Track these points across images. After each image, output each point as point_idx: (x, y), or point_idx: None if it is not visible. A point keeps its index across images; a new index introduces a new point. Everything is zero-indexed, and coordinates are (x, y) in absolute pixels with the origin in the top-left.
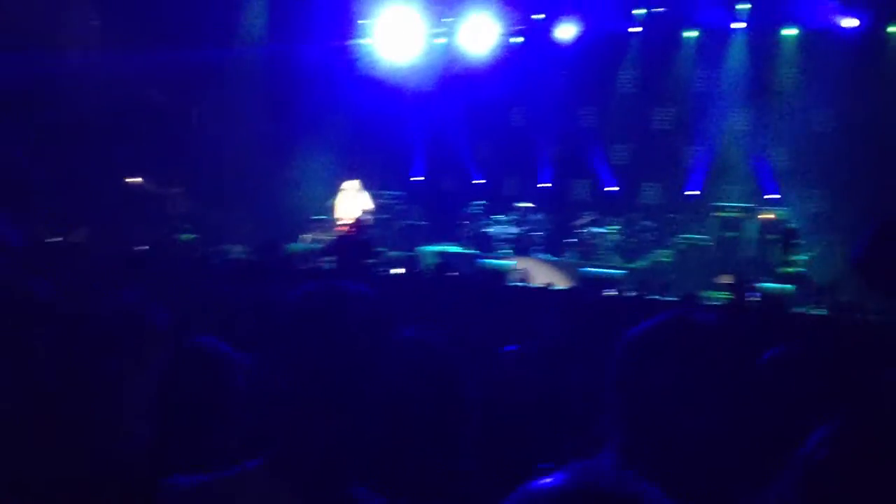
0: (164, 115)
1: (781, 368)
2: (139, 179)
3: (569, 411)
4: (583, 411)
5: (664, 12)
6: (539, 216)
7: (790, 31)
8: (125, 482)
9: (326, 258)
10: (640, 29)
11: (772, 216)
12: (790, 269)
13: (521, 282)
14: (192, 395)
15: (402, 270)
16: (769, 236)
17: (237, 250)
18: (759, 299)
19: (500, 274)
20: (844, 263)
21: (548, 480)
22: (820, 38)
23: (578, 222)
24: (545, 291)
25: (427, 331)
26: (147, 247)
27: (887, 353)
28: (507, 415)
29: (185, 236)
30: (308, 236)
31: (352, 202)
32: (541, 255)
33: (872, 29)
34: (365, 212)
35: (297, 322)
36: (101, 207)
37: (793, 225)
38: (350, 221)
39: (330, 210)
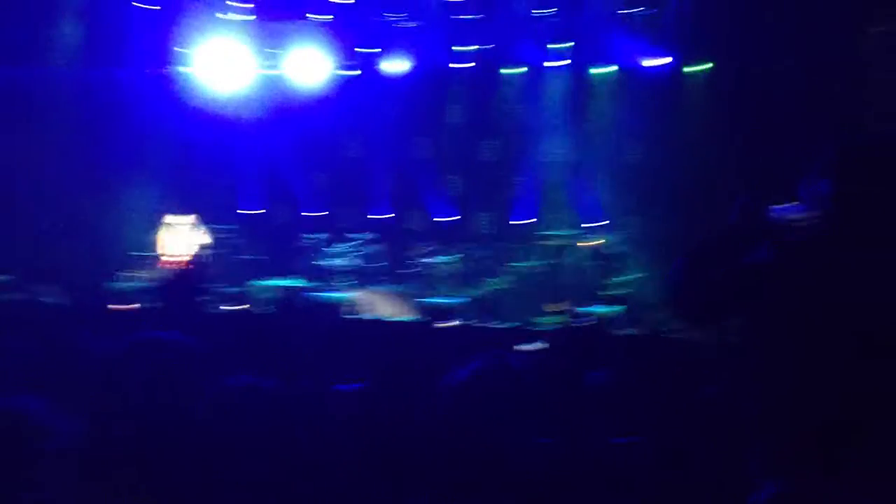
0: None
1: (602, 390)
2: None
3: (409, 451)
4: (421, 451)
5: (489, 48)
6: (376, 247)
7: (603, 70)
8: None
9: (152, 298)
10: (466, 65)
11: (593, 243)
12: (609, 293)
13: (359, 314)
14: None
15: (235, 307)
16: (591, 262)
17: (51, 292)
18: (582, 323)
19: (338, 307)
20: (655, 287)
21: None
22: (629, 76)
23: (415, 253)
24: (383, 323)
25: (258, 376)
26: None
27: (699, 371)
28: (346, 456)
29: None
30: (130, 274)
31: (178, 237)
32: (379, 287)
33: (676, 68)
34: (192, 247)
35: (117, 377)
36: None
37: (612, 250)
38: (177, 257)
39: (154, 246)
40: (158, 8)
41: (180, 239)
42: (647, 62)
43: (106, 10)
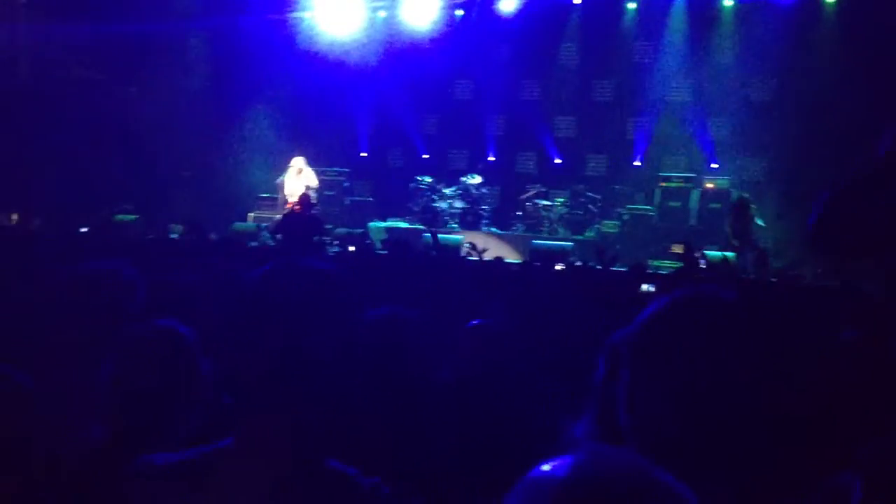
0: (101, 93)
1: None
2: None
3: (544, 385)
4: (555, 385)
5: None
6: (486, 190)
7: (728, 2)
8: (86, 465)
9: (275, 236)
10: (580, 0)
11: (713, 185)
12: (733, 236)
13: (471, 256)
14: (155, 378)
15: (352, 248)
16: (711, 205)
17: (181, 230)
18: (705, 267)
19: (450, 248)
20: (783, 231)
21: (555, 469)
22: (757, 8)
23: (525, 195)
24: (498, 265)
25: (399, 307)
26: (87, 228)
27: (834, 315)
28: (481, 388)
29: (125, 217)
30: (254, 214)
31: (297, 179)
32: (489, 229)
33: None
34: (310, 188)
35: (262, 299)
36: (39, 189)
37: (744, 195)
38: (296, 199)
39: (277, 188)
40: None
41: (299, 181)
42: None
43: None
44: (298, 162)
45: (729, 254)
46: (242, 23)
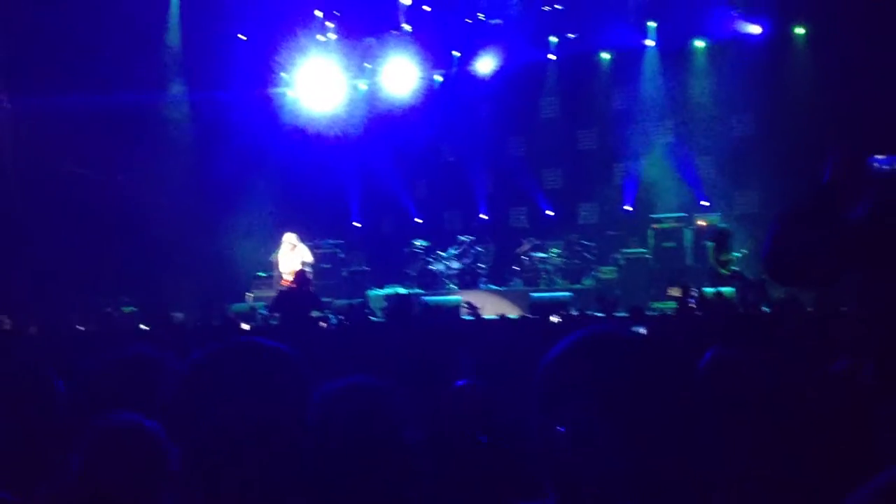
0: (86, 186)
1: (720, 368)
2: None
3: (519, 443)
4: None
5: (577, 38)
6: (481, 248)
7: (699, 44)
8: None
9: (272, 314)
10: (555, 56)
11: (705, 222)
12: (724, 270)
13: (470, 316)
14: (122, 475)
15: (347, 319)
16: (704, 242)
17: (180, 317)
18: (696, 304)
19: (449, 310)
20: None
21: None
22: (728, 47)
23: (520, 249)
24: (497, 322)
25: (358, 376)
26: (83, 327)
27: (828, 345)
28: (458, 449)
29: (127, 308)
30: (252, 294)
31: (291, 255)
32: (488, 287)
33: (776, 33)
34: (305, 263)
35: (207, 380)
36: (33, 289)
37: (724, 225)
38: (291, 275)
39: (272, 265)
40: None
41: (294, 257)
42: (744, 30)
43: (208, 36)
44: (291, 238)
45: (726, 289)
46: (224, 98)
